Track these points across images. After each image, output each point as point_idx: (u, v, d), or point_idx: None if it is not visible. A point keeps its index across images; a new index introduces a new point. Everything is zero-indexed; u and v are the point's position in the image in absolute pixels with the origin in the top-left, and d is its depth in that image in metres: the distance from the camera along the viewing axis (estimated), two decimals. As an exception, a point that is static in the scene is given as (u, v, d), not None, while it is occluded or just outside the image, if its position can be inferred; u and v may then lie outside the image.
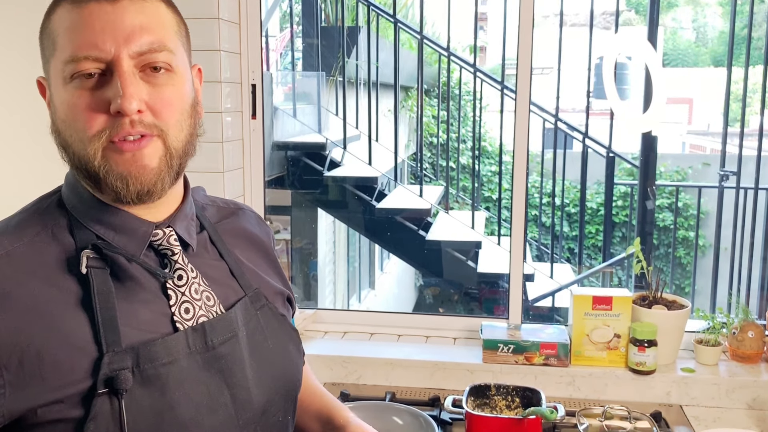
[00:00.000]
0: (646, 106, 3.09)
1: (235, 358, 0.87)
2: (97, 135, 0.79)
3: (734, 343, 1.88)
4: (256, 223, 1.07)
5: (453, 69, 4.84)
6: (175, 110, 0.83)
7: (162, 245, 0.87)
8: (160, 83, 0.82)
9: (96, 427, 0.76)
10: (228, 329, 0.88)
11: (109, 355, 0.77)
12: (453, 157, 5.87)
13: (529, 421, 1.52)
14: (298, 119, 4.24)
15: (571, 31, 9.00)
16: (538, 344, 1.88)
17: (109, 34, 0.78)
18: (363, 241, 6.29)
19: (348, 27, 4.51)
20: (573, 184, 7.61)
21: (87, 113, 0.79)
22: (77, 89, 0.79)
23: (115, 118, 0.79)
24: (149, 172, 0.81)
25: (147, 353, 0.80)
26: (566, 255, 7.44)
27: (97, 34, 0.78)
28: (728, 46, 3.30)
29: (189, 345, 0.83)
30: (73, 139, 0.81)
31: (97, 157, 0.79)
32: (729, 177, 3.61)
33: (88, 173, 0.81)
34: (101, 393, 0.76)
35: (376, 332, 2.16)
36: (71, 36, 0.79)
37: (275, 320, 0.96)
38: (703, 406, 1.82)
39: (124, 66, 0.79)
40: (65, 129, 0.81)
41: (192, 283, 0.88)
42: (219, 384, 0.85)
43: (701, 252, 7.34)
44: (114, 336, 0.79)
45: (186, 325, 0.85)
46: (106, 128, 0.79)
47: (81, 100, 0.79)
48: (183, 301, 0.86)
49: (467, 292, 5.09)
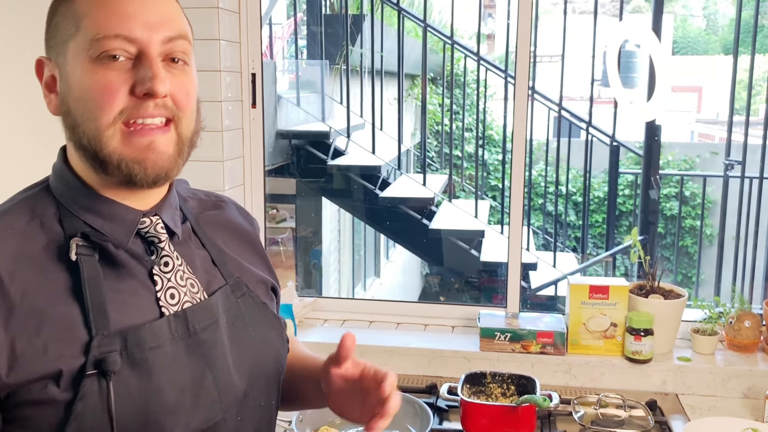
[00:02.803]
0: (649, 95, 3.08)
1: (216, 344, 0.89)
2: (116, 118, 0.81)
3: (731, 332, 1.88)
4: (239, 214, 1.08)
5: (458, 57, 4.83)
6: (191, 100, 0.87)
7: (149, 233, 0.88)
8: (179, 74, 0.85)
9: (84, 408, 0.78)
10: (208, 315, 0.90)
11: (98, 338, 0.80)
12: (458, 145, 5.86)
13: (522, 408, 1.54)
14: (302, 108, 4.24)
15: (580, 18, 8.94)
16: (534, 333, 1.89)
17: (142, 18, 0.81)
18: (369, 229, 6.31)
19: (352, 15, 4.50)
20: (580, 173, 7.60)
21: (109, 92, 0.80)
22: (102, 68, 0.81)
23: (138, 100, 0.81)
24: (167, 159, 0.84)
25: (135, 337, 0.82)
26: (572, 244, 7.44)
27: (130, 16, 0.81)
28: (734, 35, 3.28)
29: (171, 331, 0.85)
30: (85, 118, 0.82)
31: (113, 141, 0.81)
32: (734, 166, 3.59)
33: (96, 155, 0.82)
34: (90, 374, 0.78)
35: (375, 320, 2.18)
36: (101, 16, 0.81)
37: (256, 308, 0.98)
38: (699, 395, 1.82)
39: (154, 51, 0.82)
40: (78, 108, 0.82)
41: (177, 270, 0.90)
42: (202, 368, 0.87)
43: (707, 241, 7.31)
44: (103, 320, 0.81)
45: (171, 311, 0.87)
46: (124, 110, 0.81)
47: (105, 79, 0.80)
48: (168, 287, 0.88)
49: (470, 280, 5.10)
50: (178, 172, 0.87)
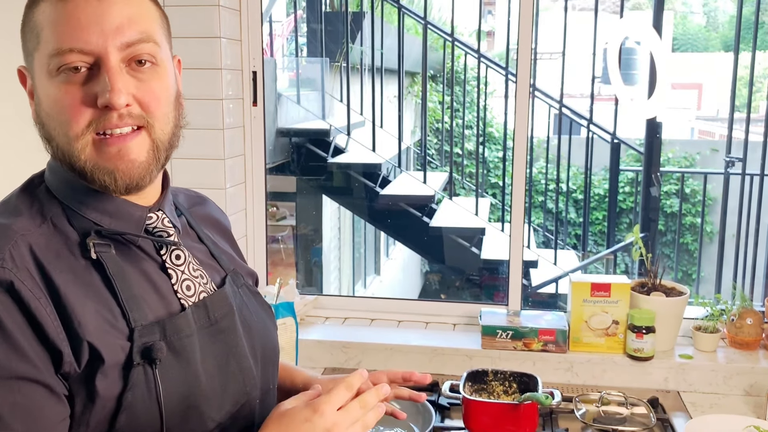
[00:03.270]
0: (650, 92, 3.08)
1: (235, 331, 0.92)
2: (84, 130, 0.80)
3: (733, 329, 1.88)
4: (218, 210, 1.12)
5: (459, 55, 4.83)
6: (162, 103, 0.84)
7: (157, 228, 0.89)
8: (146, 77, 0.83)
9: (133, 398, 0.79)
10: (225, 304, 0.92)
11: (138, 329, 0.81)
12: (459, 143, 5.85)
13: (524, 406, 1.53)
14: (302, 105, 4.24)
15: (580, 15, 8.93)
16: (536, 330, 1.89)
17: (96, 26, 0.79)
18: (369, 227, 6.31)
19: (352, 12, 4.49)
20: (580, 170, 7.59)
21: (73, 108, 0.79)
22: (63, 83, 0.79)
23: (102, 112, 0.79)
24: (137, 167, 0.83)
25: (173, 326, 0.83)
26: (572, 241, 7.44)
27: (84, 26, 0.78)
28: (735, 32, 3.27)
29: (195, 320, 0.87)
30: (57, 132, 0.81)
31: (85, 152, 0.80)
32: (735, 163, 3.58)
33: (72, 167, 0.82)
34: (137, 364, 0.79)
35: (376, 318, 2.18)
36: (57, 29, 0.79)
37: (253, 297, 1.01)
38: (701, 392, 1.82)
39: (111, 60, 0.79)
40: (49, 122, 0.82)
41: (188, 262, 0.91)
42: (226, 355, 0.89)
43: (708, 238, 7.31)
44: (139, 312, 0.82)
45: (189, 302, 0.88)
46: (92, 122, 0.80)
47: (67, 95, 0.79)
48: (183, 279, 0.89)
49: (470, 278, 5.10)
50: (152, 178, 0.86)
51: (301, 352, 1.87)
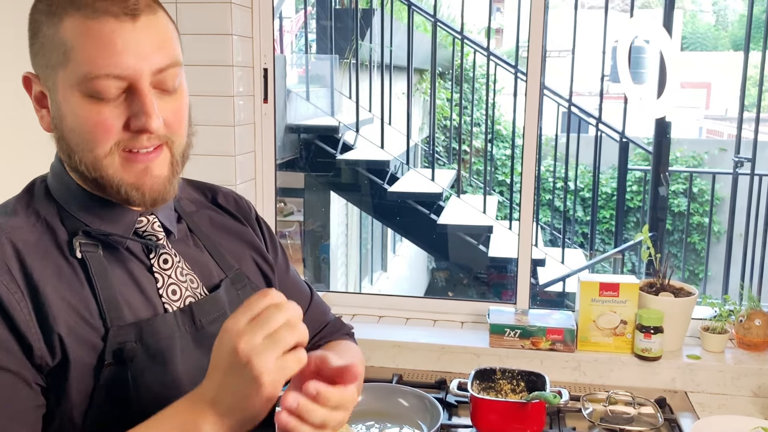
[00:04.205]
0: (660, 92, 3.07)
1: None
2: (113, 149, 0.82)
3: (741, 330, 1.88)
4: (233, 202, 1.09)
5: (467, 52, 4.82)
6: (183, 121, 0.87)
7: (146, 231, 0.91)
8: (172, 99, 0.85)
9: (103, 397, 0.81)
10: (215, 309, 0.93)
11: (114, 329, 0.82)
12: (467, 140, 5.85)
13: (532, 405, 1.54)
14: (311, 102, 4.25)
15: (589, 13, 8.90)
16: (544, 329, 1.90)
17: (132, 52, 0.80)
18: (375, 223, 6.31)
19: (362, 9, 4.49)
20: (588, 168, 7.57)
21: (104, 128, 0.81)
22: (95, 104, 0.81)
23: (133, 134, 0.82)
24: (161, 182, 0.85)
25: (149, 328, 0.85)
26: (579, 240, 7.43)
27: (120, 52, 0.79)
28: (746, 31, 3.26)
29: (179, 325, 0.88)
30: (81, 147, 0.83)
31: (113, 167, 0.83)
32: (744, 163, 3.58)
33: (96, 180, 0.84)
34: (109, 364, 0.81)
35: (384, 315, 2.19)
36: (91, 52, 0.79)
37: None
38: (708, 393, 1.82)
39: (146, 85, 0.81)
40: (73, 137, 0.83)
41: (176, 266, 0.92)
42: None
43: (715, 238, 7.29)
44: (117, 312, 0.84)
45: (174, 306, 0.89)
46: (120, 141, 0.82)
47: (99, 116, 0.81)
48: (170, 284, 0.91)
49: (478, 276, 5.10)
50: (175, 191, 0.88)
51: (309, 348, 1.88)
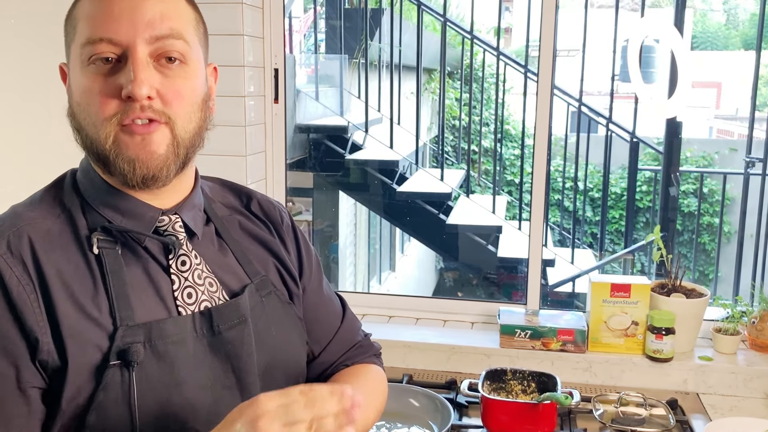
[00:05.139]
0: (671, 92, 3.05)
1: (243, 343, 0.90)
2: (109, 118, 0.82)
3: (753, 332, 1.87)
4: (265, 211, 1.05)
5: (477, 51, 4.81)
6: (185, 101, 0.85)
7: (167, 231, 0.89)
8: (173, 74, 0.84)
9: (105, 397, 0.79)
10: (236, 315, 0.90)
11: (122, 328, 0.81)
12: (476, 140, 5.84)
13: (543, 406, 1.54)
14: (320, 102, 4.25)
15: (599, 12, 8.87)
16: (555, 330, 1.89)
17: (128, 18, 0.81)
18: (384, 223, 6.31)
19: (371, 9, 4.49)
20: (597, 168, 7.54)
21: (101, 97, 0.82)
22: (93, 74, 0.82)
23: (126, 103, 0.81)
24: (156, 158, 0.83)
25: (158, 330, 0.84)
26: (588, 240, 7.40)
27: (116, 18, 0.81)
28: (758, 30, 3.24)
29: (196, 329, 0.86)
30: (86, 122, 0.84)
31: (109, 140, 0.82)
32: (755, 163, 3.55)
33: (98, 156, 0.84)
34: (113, 364, 0.80)
35: (394, 315, 2.19)
36: (91, 20, 0.82)
37: (281, 308, 0.98)
38: (720, 395, 1.82)
39: (138, 52, 0.81)
40: (80, 112, 0.84)
41: (195, 269, 0.90)
42: (225, 368, 0.88)
43: (726, 238, 7.24)
44: (127, 311, 0.83)
45: (188, 310, 0.87)
46: (118, 112, 0.82)
47: (96, 84, 0.82)
48: (186, 286, 0.88)
49: (487, 276, 5.09)
50: (170, 173, 0.85)
51: (320, 348, 1.89)
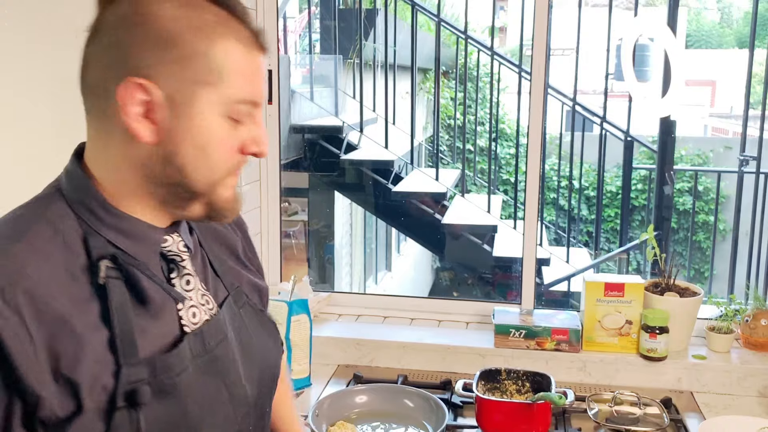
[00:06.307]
0: (664, 90, 3.06)
1: (228, 358, 0.89)
2: (232, 171, 0.86)
3: (747, 330, 1.88)
4: None
5: (471, 51, 4.82)
6: None
7: (171, 251, 0.87)
8: None
9: None
10: (220, 331, 0.89)
11: (126, 367, 0.77)
12: (471, 139, 5.84)
13: (538, 405, 1.54)
14: (315, 102, 4.25)
15: (593, 11, 8.88)
16: (549, 330, 1.90)
17: (261, 78, 0.86)
18: (380, 223, 6.31)
19: (365, 9, 4.49)
20: (592, 167, 7.56)
21: (233, 151, 0.85)
22: (231, 127, 0.83)
23: (246, 156, 0.86)
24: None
25: (163, 364, 0.80)
26: (584, 239, 7.41)
27: (259, 78, 0.85)
28: (751, 28, 3.25)
29: (191, 351, 0.84)
30: (203, 166, 0.82)
31: (227, 191, 0.86)
32: (749, 161, 3.57)
33: (208, 202, 0.85)
34: (120, 407, 0.77)
35: (389, 315, 2.19)
36: (247, 79, 0.83)
37: (255, 317, 0.98)
38: (714, 393, 1.82)
39: (262, 113, 0.87)
40: (197, 154, 0.82)
41: (197, 288, 0.90)
42: (218, 384, 0.87)
43: (721, 236, 7.27)
44: (131, 348, 0.78)
45: (191, 329, 0.86)
46: (238, 165, 0.86)
47: (230, 139, 0.83)
48: (190, 306, 0.87)
49: (483, 276, 5.10)
50: None
51: (314, 348, 1.89)
